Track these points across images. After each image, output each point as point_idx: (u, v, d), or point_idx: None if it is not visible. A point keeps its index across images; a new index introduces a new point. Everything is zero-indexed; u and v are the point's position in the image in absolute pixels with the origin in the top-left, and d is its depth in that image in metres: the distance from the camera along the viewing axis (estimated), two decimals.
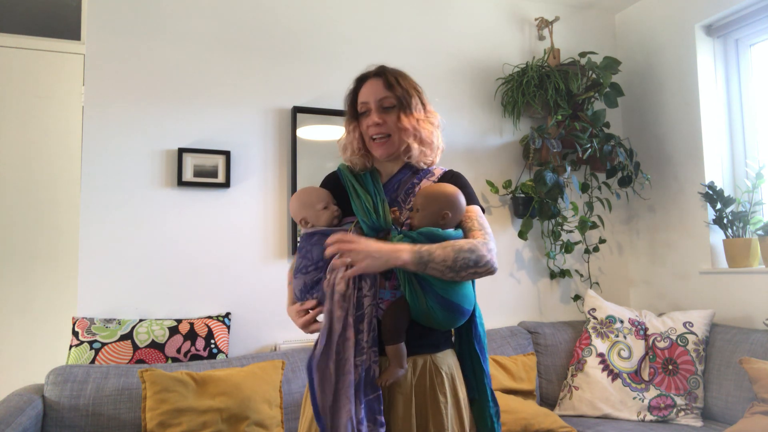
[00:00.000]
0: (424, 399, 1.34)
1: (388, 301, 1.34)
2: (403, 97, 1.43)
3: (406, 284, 1.31)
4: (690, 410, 2.39)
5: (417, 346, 1.35)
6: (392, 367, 1.31)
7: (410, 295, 1.31)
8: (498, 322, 2.87)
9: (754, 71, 2.82)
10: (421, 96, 1.48)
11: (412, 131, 1.42)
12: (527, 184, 2.89)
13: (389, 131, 1.43)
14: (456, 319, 1.35)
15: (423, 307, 1.31)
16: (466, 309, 1.36)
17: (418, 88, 1.49)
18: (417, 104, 1.45)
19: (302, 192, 1.49)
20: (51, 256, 2.70)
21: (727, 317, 2.65)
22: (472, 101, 3.00)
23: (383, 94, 1.43)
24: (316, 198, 1.45)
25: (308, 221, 1.45)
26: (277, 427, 2.05)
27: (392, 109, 1.43)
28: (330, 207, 1.45)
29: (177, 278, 2.42)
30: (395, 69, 1.50)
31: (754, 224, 2.62)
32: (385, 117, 1.43)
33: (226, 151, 2.51)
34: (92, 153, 2.36)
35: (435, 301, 1.30)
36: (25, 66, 2.74)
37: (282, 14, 2.69)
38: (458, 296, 1.33)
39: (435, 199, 1.37)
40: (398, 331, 1.31)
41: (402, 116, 1.42)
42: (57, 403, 1.95)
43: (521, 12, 3.15)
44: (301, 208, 1.45)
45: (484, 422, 1.43)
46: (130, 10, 2.46)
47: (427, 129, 1.44)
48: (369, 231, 1.36)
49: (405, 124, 1.42)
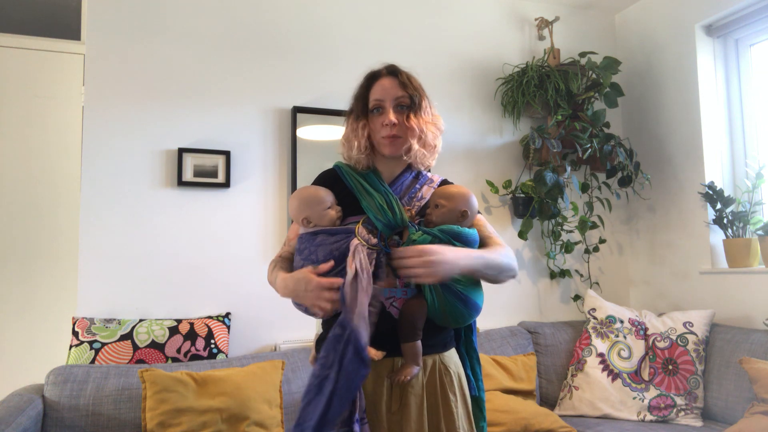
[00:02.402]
0: (435, 399, 1.35)
1: (401, 300, 1.33)
2: (416, 96, 1.43)
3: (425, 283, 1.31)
4: (690, 410, 2.39)
5: (426, 347, 1.35)
6: (408, 364, 1.31)
7: (429, 292, 1.32)
8: (498, 322, 2.87)
9: (754, 71, 2.82)
10: (428, 98, 1.49)
11: (418, 132, 1.42)
12: (527, 184, 2.89)
13: (402, 132, 1.42)
14: (472, 315, 1.38)
15: (442, 305, 1.31)
16: (480, 306, 1.38)
17: (423, 91, 1.49)
18: (426, 106, 1.46)
19: (303, 191, 1.45)
20: (51, 256, 2.71)
21: (727, 317, 2.65)
22: (472, 101, 3.00)
23: (399, 93, 1.43)
24: (319, 197, 1.41)
25: (311, 221, 1.40)
26: (277, 427, 2.05)
27: (405, 108, 1.43)
28: (334, 206, 1.42)
29: (177, 278, 2.42)
30: (405, 69, 1.50)
31: (754, 224, 2.62)
32: (399, 116, 1.43)
33: (226, 151, 2.51)
34: (92, 153, 2.36)
35: (456, 297, 1.32)
36: (25, 66, 2.74)
37: (282, 14, 2.69)
38: (476, 294, 1.36)
39: (454, 197, 1.41)
40: (416, 329, 1.31)
41: (411, 116, 1.42)
42: (57, 403, 1.95)
43: (521, 12, 3.15)
44: (303, 207, 1.41)
45: (483, 416, 1.47)
46: (130, 10, 2.46)
47: (432, 132, 1.45)
48: (384, 229, 1.34)
49: (413, 124, 1.41)
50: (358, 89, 1.49)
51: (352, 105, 1.50)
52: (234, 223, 2.51)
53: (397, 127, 1.42)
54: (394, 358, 1.33)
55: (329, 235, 1.34)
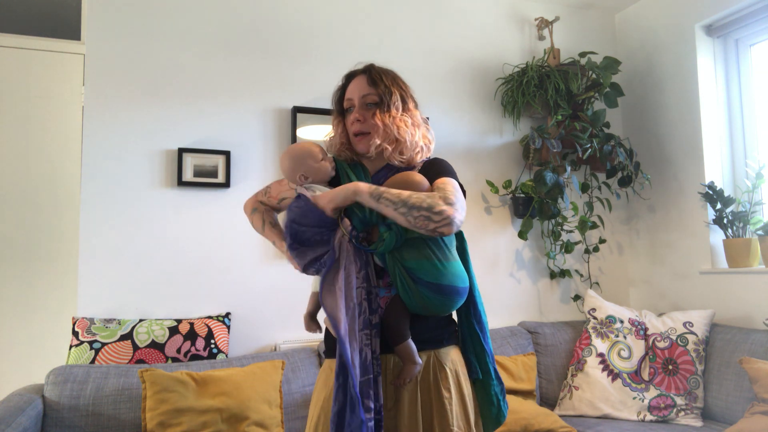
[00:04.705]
0: (429, 395, 1.35)
1: (385, 298, 1.35)
2: (384, 94, 1.44)
3: (397, 278, 1.32)
4: (690, 410, 2.39)
5: (420, 342, 1.35)
6: (408, 365, 1.31)
7: (402, 288, 1.32)
8: (498, 322, 2.87)
9: (754, 71, 2.82)
10: (404, 94, 1.48)
11: (383, 128, 1.42)
12: (527, 184, 2.89)
13: (368, 128, 1.44)
14: (453, 300, 1.35)
15: (417, 298, 1.31)
16: (460, 288, 1.35)
17: (403, 87, 1.50)
18: (396, 102, 1.45)
19: (294, 147, 1.46)
20: (51, 256, 2.71)
21: (727, 317, 2.65)
22: (472, 101, 3.00)
23: (366, 91, 1.45)
24: (312, 151, 1.43)
25: (307, 176, 1.42)
26: (277, 427, 2.05)
27: (373, 106, 1.45)
28: (326, 158, 1.45)
29: (177, 278, 2.42)
30: (383, 67, 1.52)
31: (754, 224, 2.62)
32: (366, 114, 1.44)
33: (226, 151, 2.51)
34: (92, 153, 2.36)
35: (427, 288, 1.31)
36: (25, 66, 2.74)
37: (282, 14, 2.69)
38: (448, 278, 1.33)
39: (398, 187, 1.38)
40: (401, 331, 1.31)
41: (377, 113, 1.43)
42: (57, 403, 1.95)
43: (521, 12, 3.15)
44: (298, 163, 1.42)
45: (490, 400, 1.43)
46: (130, 10, 2.46)
47: (400, 127, 1.43)
48: (358, 224, 1.35)
49: (377, 121, 1.43)
50: (337, 89, 1.54)
51: (333, 103, 1.55)
52: (234, 223, 2.51)
53: (363, 124, 1.44)
54: (386, 356, 1.34)
55: (318, 228, 1.35)
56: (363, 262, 1.33)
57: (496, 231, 2.97)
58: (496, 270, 2.95)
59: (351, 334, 1.26)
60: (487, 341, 1.45)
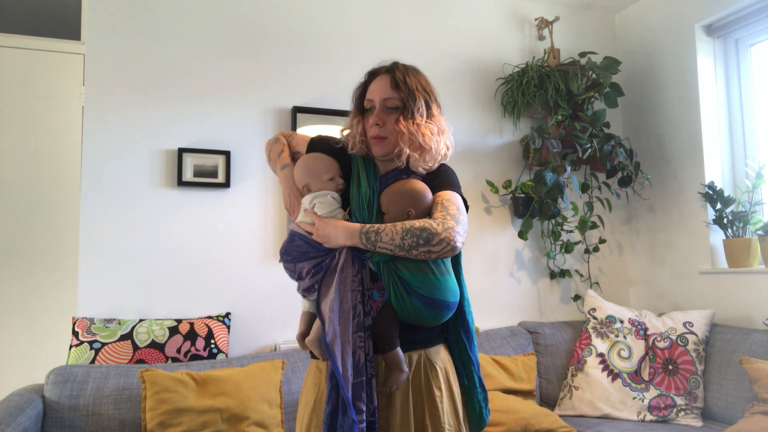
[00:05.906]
0: (420, 393, 1.35)
1: (377, 302, 1.35)
2: (407, 99, 1.40)
3: (390, 287, 1.32)
4: (690, 410, 2.39)
5: (411, 342, 1.36)
6: (394, 373, 1.32)
7: (395, 297, 1.32)
8: (498, 322, 2.87)
9: (754, 71, 2.82)
10: (428, 98, 1.44)
11: (408, 136, 1.39)
12: (527, 184, 2.89)
13: (387, 134, 1.41)
14: (443, 314, 1.35)
15: (409, 308, 1.31)
16: (451, 302, 1.35)
17: (427, 89, 1.46)
18: (420, 108, 1.41)
19: (310, 158, 1.45)
20: (51, 256, 2.70)
21: (727, 317, 2.65)
22: (472, 101, 3.00)
23: (388, 95, 1.41)
24: (324, 167, 1.43)
25: (311, 189, 1.43)
26: (277, 427, 2.05)
27: (395, 110, 1.41)
28: (336, 179, 1.43)
29: (177, 278, 2.42)
30: (408, 66, 1.47)
31: (754, 224, 2.62)
32: (386, 118, 1.41)
33: (226, 151, 2.51)
34: (92, 153, 2.36)
35: (419, 301, 1.31)
36: (25, 66, 2.74)
37: (282, 14, 2.69)
38: (441, 293, 1.32)
39: (395, 199, 1.37)
40: (391, 339, 1.32)
41: (401, 119, 1.40)
42: (57, 403, 1.95)
43: (521, 12, 3.15)
44: (307, 175, 1.43)
45: (473, 407, 1.45)
46: (130, 10, 2.46)
47: (426, 135, 1.40)
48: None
49: (401, 128, 1.39)
50: (359, 85, 1.50)
51: (353, 99, 1.51)
52: (234, 223, 2.51)
53: (384, 129, 1.41)
54: (379, 357, 1.34)
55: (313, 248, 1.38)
56: (359, 266, 1.33)
57: (496, 231, 2.97)
58: (496, 270, 2.95)
59: (344, 336, 1.27)
60: (474, 350, 1.46)
